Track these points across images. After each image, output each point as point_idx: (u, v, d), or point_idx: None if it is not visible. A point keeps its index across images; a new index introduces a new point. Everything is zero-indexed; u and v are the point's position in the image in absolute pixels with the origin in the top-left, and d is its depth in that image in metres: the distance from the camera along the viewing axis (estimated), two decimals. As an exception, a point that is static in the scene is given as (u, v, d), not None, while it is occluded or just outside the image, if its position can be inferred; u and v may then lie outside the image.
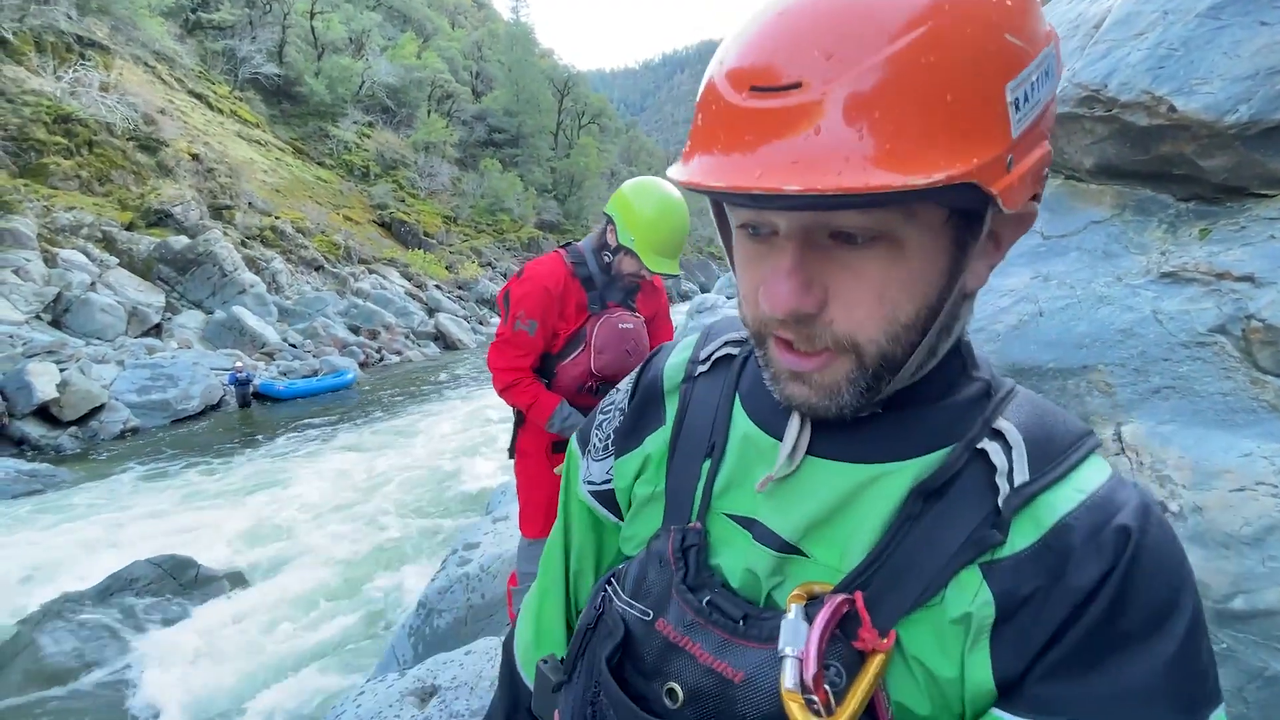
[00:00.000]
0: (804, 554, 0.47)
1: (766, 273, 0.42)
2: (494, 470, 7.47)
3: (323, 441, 9.08)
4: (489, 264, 27.25)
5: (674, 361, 0.63)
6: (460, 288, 23.05)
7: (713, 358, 0.60)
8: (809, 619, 0.41)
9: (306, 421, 10.01)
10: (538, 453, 2.10)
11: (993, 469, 0.44)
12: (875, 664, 0.40)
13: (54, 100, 15.62)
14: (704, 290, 32.12)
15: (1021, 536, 0.42)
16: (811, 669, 0.39)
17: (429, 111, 33.97)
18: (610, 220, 1.97)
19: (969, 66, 0.36)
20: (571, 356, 2.00)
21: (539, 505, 2.11)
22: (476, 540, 3.37)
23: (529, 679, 0.67)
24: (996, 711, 0.41)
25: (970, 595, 0.42)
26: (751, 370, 0.56)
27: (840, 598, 0.42)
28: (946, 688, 0.43)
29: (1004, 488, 0.43)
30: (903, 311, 0.41)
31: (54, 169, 14.64)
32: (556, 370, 2.02)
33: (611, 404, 0.67)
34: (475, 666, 2.20)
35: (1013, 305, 1.58)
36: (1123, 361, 1.36)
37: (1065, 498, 0.43)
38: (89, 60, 17.68)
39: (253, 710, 3.71)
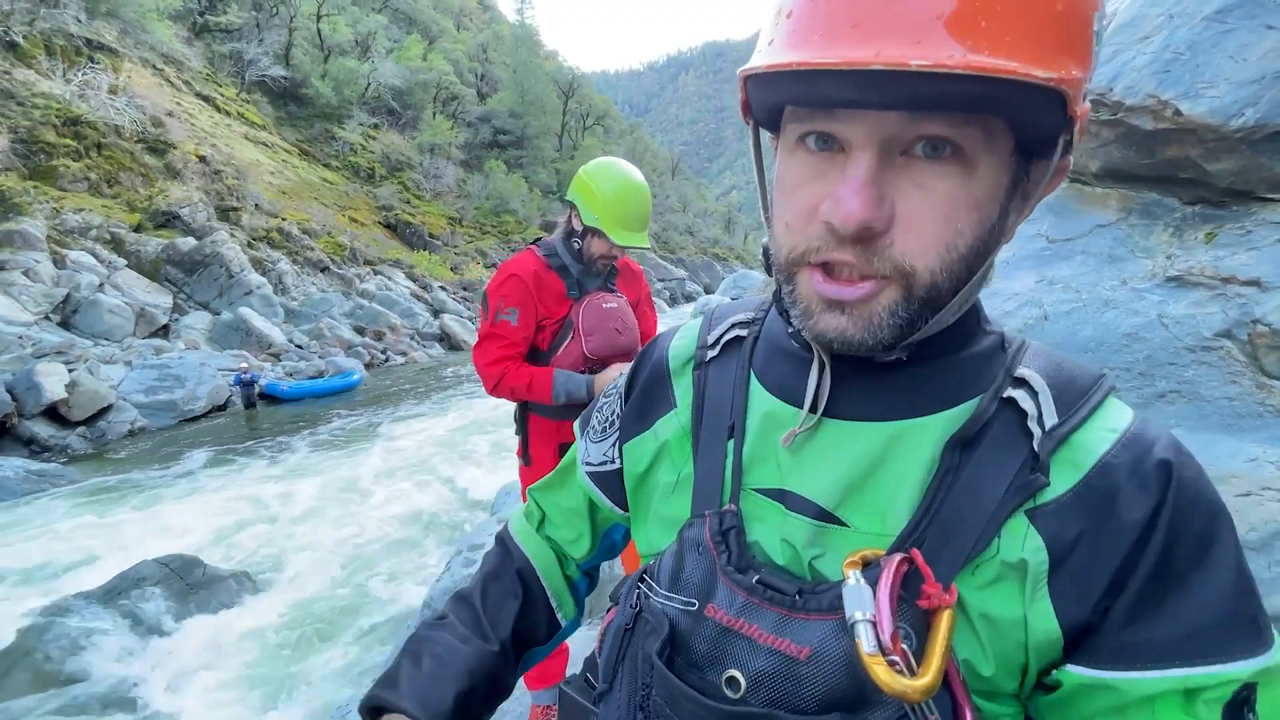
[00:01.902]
0: (844, 524, 0.47)
1: (833, 186, 0.41)
2: (499, 471, 7.48)
3: (329, 442, 9.11)
4: (494, 265, 27.28)
5: (678, 344, 0.63)
6: (465, 289, 23.08)
7: (721, 341, 0.59)
8: (871, 582, 0.40)
9: (312, 422, 10.06)
10: (545, 457, 2.10)
11: (1023, 415, 0.45)
12: (945, 619, 0.40)
13: (63, 103, 15.73)
14: (708, 291, 32.05)
15: (1062, 479, 0.43)
16: (887, 629, 0.38)
17: (434, 113, 34.07)
18: (574, 206, 1.97)
19: None
20: (563, 346, 1.99)
21: None
22: (482, 540, 3.38)
23: (525, 546, 0.72)
24: (1070, 667, 0.41)
25: (1020, 542, 0.42)
26: (763, 348, 0.57)
27: (899, 557, 0.41)
28: (1009, 638, 0.42)
29: (1037, 432, 0.44)
30: (963, 239, 0.41)
31: (63, 171, 14.74)
32: (552, 363, 2.03)
33: (614, 388, 0.68)
34: (480, 667, 2.20)
35: (1018, 309, 1.58)
36: (1128, 365, 1.35)
37: (1099, 438, 0.44)
38: (98, 63, 17.80)
39: (260, 709, 3.73)
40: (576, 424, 0.73)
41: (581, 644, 2.37)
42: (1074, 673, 0.41)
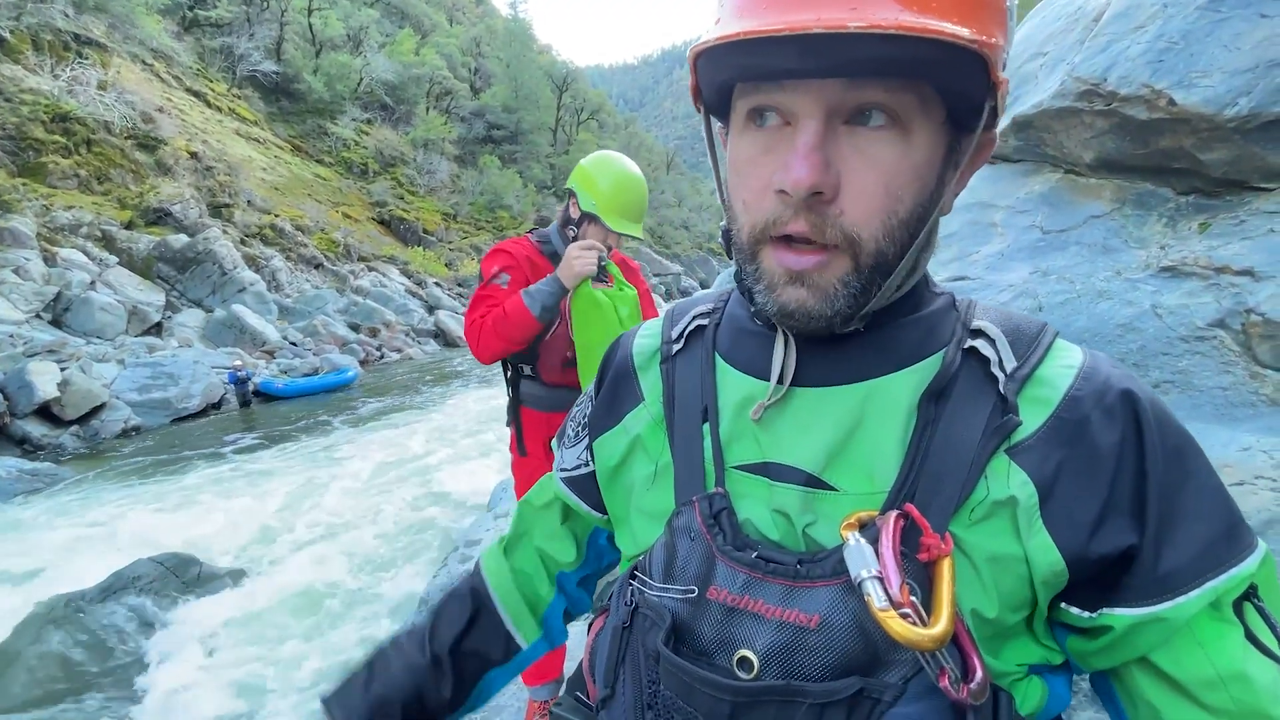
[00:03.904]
0: (833, 488, 0.47)
1: (782, 157, 0.43)
2: (496, 467, 7.47)
3: (324, 439, 9.09)
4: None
5: (642, 341, 0.64)
6: (460, 285, 23.01)
7: (685, 334, 0.60)
8: (871, 541, 0.41)
9: (308, 419, 10.02)
10: (538, 448, 2.10)
11: (985, 362, 0.48)
12: (946, 568, 0.41)
13: (52, 99, 15.56)
14: (704, 286, 32.04)
15: (1032, 417, 0.45)
16: (895, 583, 0.39)
17: (427, 108, 33.87)
18: (572, 194, 1.99)
19: None
20: (551, 331, 1.99)
21: None
22: (478, 537, 3.38)
23: (484, 568, 0.74)
24: (1125, 611, 0.43)
25: (1005, 480, 0.44)
26: (727, 330, 0.58)
27: (894, 514, 0.42)
28: (1011, 573, 0.44)
29: (1000, 376, 0.46)
30: (903, 205, 0.43)
31: (52, 168, 14.60)
32: (539, 350, 2.03)
33: (585, 396, 0.69)
34: (477, 663, 2.20)
35: (1012, 300, 1.58)
36: (1123, 356, 1.36)
37: (1059, 373, 0.47)
38: (86, 58, 17.61)
39: (257, 706, 3.73)
40: (554, 440, 0.74)
41: (578, 640, 2.37)
42: (1124, 614, 0.43)
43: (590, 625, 0.58)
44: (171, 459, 8.10)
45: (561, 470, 0.69)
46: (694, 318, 0.61)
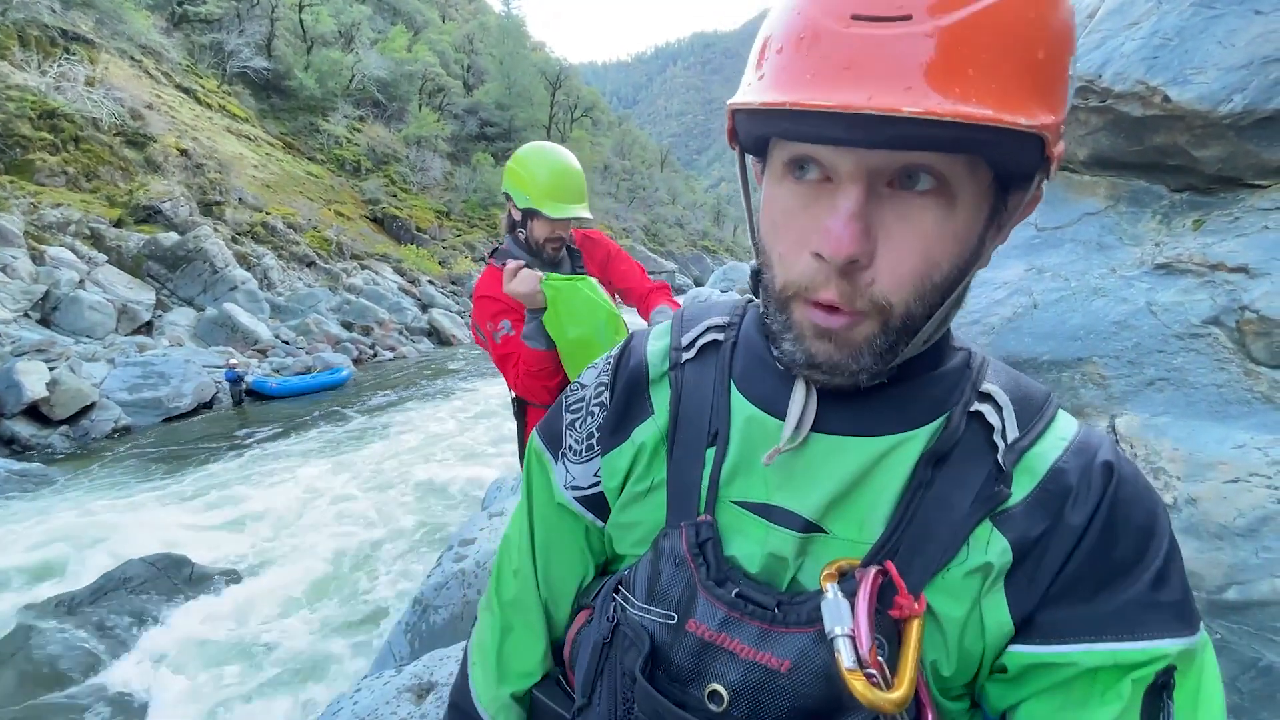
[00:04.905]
0: (824, 530, 0.48)
1: (822, 218, 0.42)
2: (490, 465, 7.45)
3: (317, 438, 9.04)
4: (483, 259, 27.09)
5: (655, 347, 0.61)
6: (454, 283, 22.93)
7: (697, 344, 0.58)
8: (848, 595, 0.42)
9: (301, 418, 9.96)
10: None
11: (989, 429, 0.47)
12: (915, 628, 0.41)
13: (39, 95, 15.38)
14: (698, 284, 32.05)
15: (1019, 486, 0.46)
16: (865, 644, 0.40)
17: (420, 105, 33.70)
18: (508, 197, 1.96)
19: (1058, 28, 0.39)
20: None
21: None
22: (472, 536, 3.36)
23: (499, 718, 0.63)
24: (1013, 648, 0.44)
25: (984, 546, 0.45)
26: (743, 355, 0.55)
27: (874, 570, 0.43)
28: (966, 636, 0.44)
29: (1001, 445, 0.46)
30: (939, 271, 0.42)
31: (40, 165, 14.44)
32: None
33: (582, 400, 0.62)
34: (472, 663, 2.20)
35: (1007, 298, 1.58)
36: (1117, 354, 1.36)
37: (1052, 445, 0.47)
38: (74, 54, 17.41)
39: (249, 708, 3.71)
40: (539, 442, 0.65)
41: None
42: (1016, 652, 0.44)
43: (573, 619, 0.58)
44: (163, 459, 8.04)
45: (573, 489, 0.61)
46: (707, 329, 0.59)
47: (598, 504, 0.60)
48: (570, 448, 0.62)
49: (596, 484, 0.60)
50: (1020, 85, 0.37)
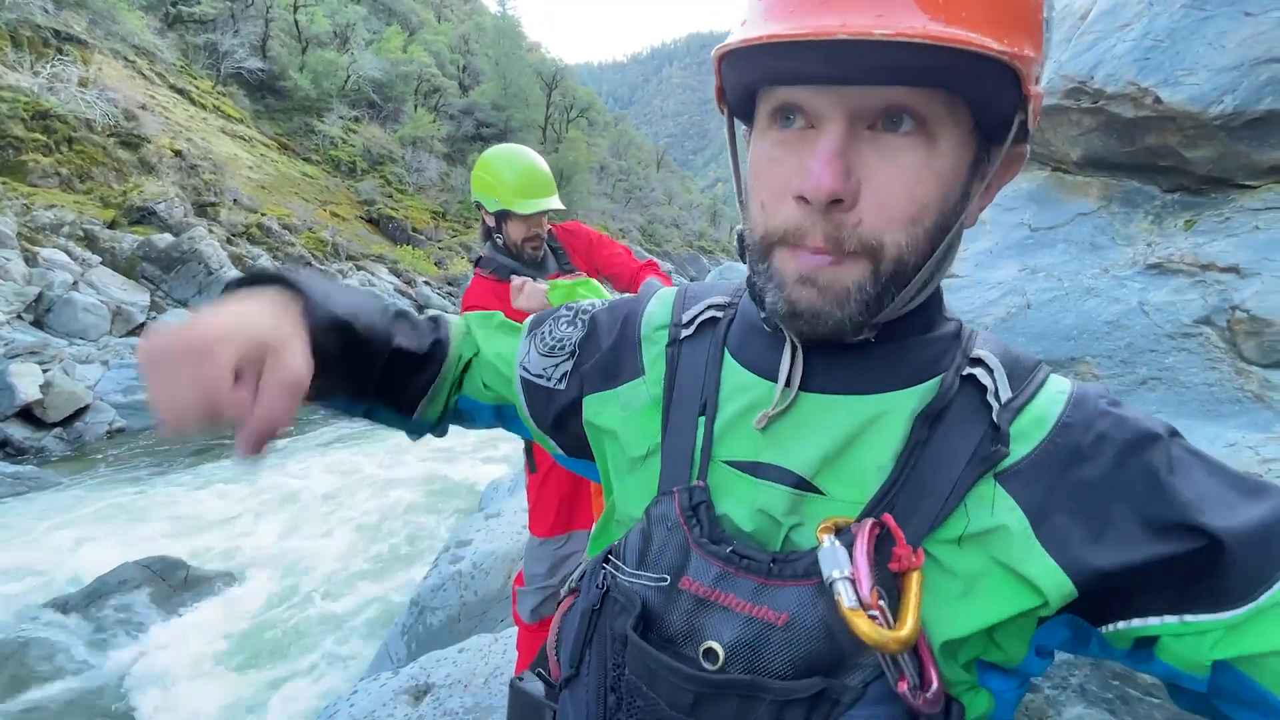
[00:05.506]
0: (820, 492, 0.48)
1: (804, 160, 0.42)
2: (486, 467, 7.44)
3: (314, 440, 9.01)
4: (479, 260, 27.04)
5: (654, 309, 0.63)
6: (450, 283, 22.89)
7: (696, 320, 0.59)
8: (845, 545, 0.42)
9: (298, 420, 9.89)
10: (549, 462, 2.08)
11: (982, 390, 0.48)
12: (915, 580, 0.41)
13: (31, 96, 15.29)
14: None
15: (1022, 444, 0.45)
16: (866, 585, 0.40)
17: (416, 106, 33.63)
18: (480, 205, 1.98)
19: None
20: None
21: (550, 504, 2.08)
22: (469, 538, 3.36)
23: (451, 333, 0.70)
24: (1141, 622, 0.41)
25: (990, 506, 0.44)
26: (739, 327, 0.57)
27: (870, 521, 0.43)
28: (995, 595, 0.43)
29: (995, 405, 0.47)
30: (926, 213, 0.43)
31: (33, 166, 14.36)
32: None
33: (573, 310, 0.67)
34: (468, 664, 2.20)
35: (1000, 298, 1.58)
36: (1109, 353, 1.36)
37: (1052, 401, 0.47)
38: (67, 55, 17.31)
39: (247, 709, 3.69)
40: (528, 319, 0.70)
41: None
42: (1144, 626, 0.42)
43: (559, 605, 0.58)
44: (158, 461, 8.00)
45: (524, 368, 0.66)
46: (708, 306, 0.60)
47: (532, 393, 0.65)
48: (541, 336, 0.66)
49: (541, 377, 0.64)
50: (993, 13, 0.38)
